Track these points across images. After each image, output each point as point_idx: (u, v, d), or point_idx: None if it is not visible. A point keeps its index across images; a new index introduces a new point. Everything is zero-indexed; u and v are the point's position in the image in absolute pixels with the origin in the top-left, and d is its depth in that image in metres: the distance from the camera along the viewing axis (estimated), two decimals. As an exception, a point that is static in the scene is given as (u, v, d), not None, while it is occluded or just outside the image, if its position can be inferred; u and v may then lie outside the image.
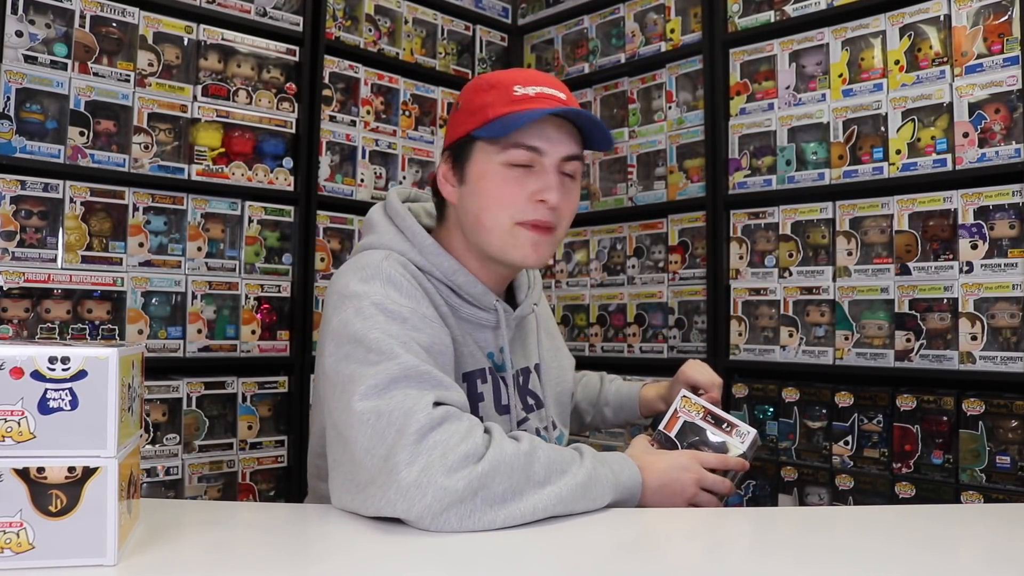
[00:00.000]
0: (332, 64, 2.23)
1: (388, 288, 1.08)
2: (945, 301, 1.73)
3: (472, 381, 1.20)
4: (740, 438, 1.21)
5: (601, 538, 0.93)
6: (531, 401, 1.29)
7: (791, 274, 1.99)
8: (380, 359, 0.99)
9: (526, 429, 1.24)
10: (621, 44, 2.41)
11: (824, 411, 1.89)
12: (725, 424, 1.23)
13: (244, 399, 2.04)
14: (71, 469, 0.70)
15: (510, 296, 1.31)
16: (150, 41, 1.93)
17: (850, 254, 1.88)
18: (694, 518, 1.07)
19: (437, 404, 0.96)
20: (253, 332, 2.06)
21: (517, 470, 0.93)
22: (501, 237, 1.14)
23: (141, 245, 1.90)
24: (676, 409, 1.26)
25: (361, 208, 2.28)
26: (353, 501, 0.95)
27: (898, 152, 1.81)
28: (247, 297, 2.05)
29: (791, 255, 1.99)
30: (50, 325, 1.78)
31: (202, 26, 2.01)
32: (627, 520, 1.00)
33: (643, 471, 1.09)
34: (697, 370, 1.38)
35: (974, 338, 1.68)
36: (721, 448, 1.21)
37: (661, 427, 1.26)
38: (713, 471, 1.15)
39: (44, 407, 0.70)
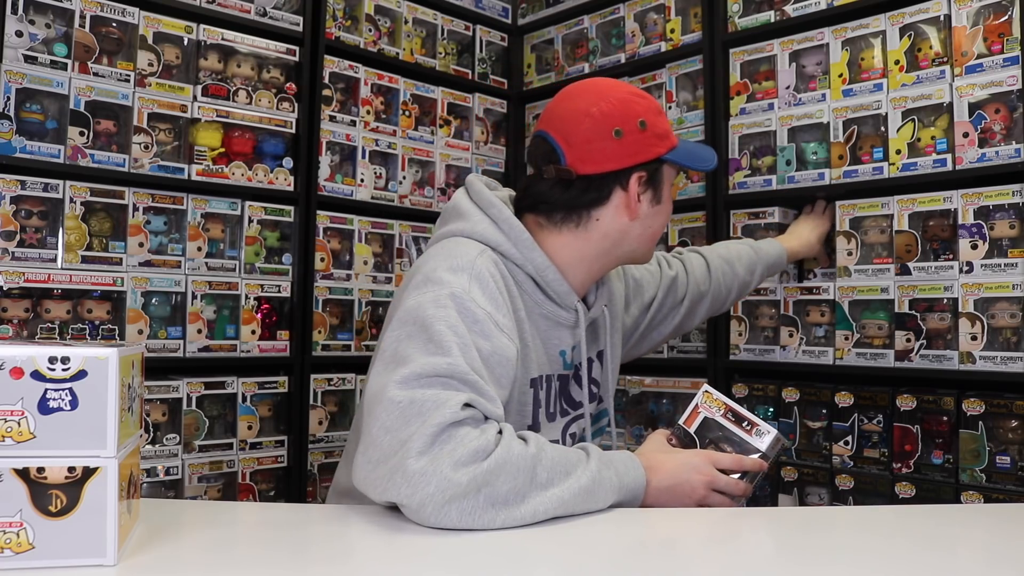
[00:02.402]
0: (332, 64, 2.23)
1: (473, 284, 1.10)
2: (945, 301, 1.73)
3: (537, 386, 1.25)
4: (760, 438, 1.20)
5: (602, 538, 0.93)
6: (594, 389, 1.39)
7: (789, 276, 2.00)
8: (435, 351, 1.01)
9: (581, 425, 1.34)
10: (621, 44, 2.41)
11: (824, 411, 1.89)
12: (746, 423, 1.22)
13: (244, 399, 2.04)
14: (71, 469, 0.70)
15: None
16: (150, 41, 1.93)
17: (850, 254, 1.88)
18: (695, 518, 1.07)
19: (467, 406, 0.97)
20: (253, 332, 2.06)
21: (522, 471, 0.94)
22: (654, 246, 1.35)
23: (141, 245, 1.90)
24: (697, 404, 1.26)
25: (361, 208, 2.28)
26: (366, 480, 0.96)
27: (898, 152, 1.81)
28: (247, 297, 2.05)
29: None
30: (50, 325, 1.78)
31: (202, 26, 2.01)
32: (628, 520, 1.00)
33: (650, 472, 1.10)
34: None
35: (974, 338, 1.68)
36: (741, 447, 1.20)
37: (681, 422, 1.26)
38: (729, 472, 1.15)
39: (44, 407, 0.70)
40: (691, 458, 1.15)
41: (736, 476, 1.15)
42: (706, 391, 1.26)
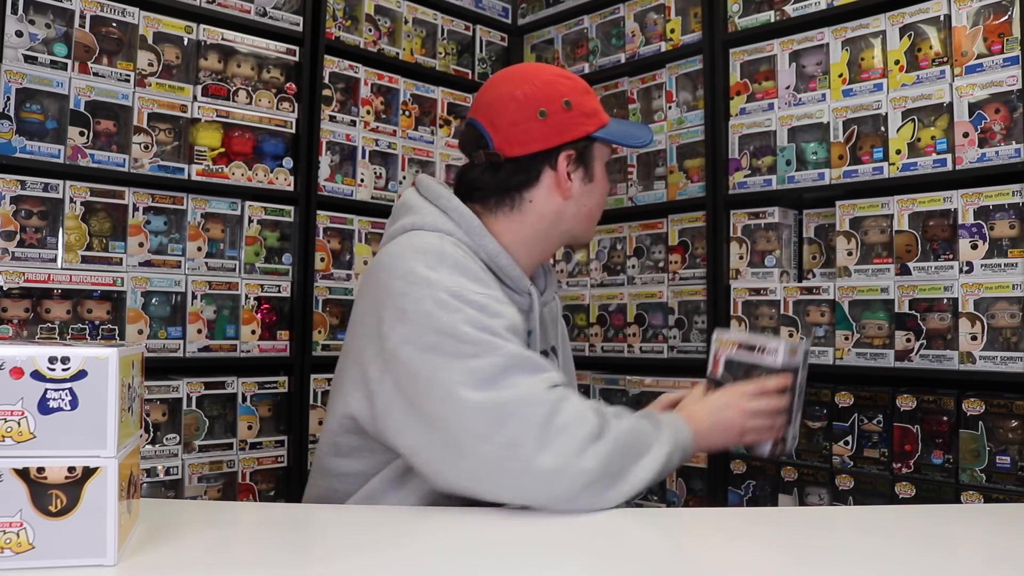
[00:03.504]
0: (332, 64, 2.23)
1: (456, 275, 1.09)
2: (945, 301, 1.73)
3: None
4: (773, 356, 1.22)
5: (602, 538, 0.93)
6: None
7: (789, 276, 2.00)
8: (479, 351, 1.01)
9: None
10: (621, 44, 2.41)
11: (824, 411, 1.89)
12: (758, 347, 1.24)
13: (244, 399, 2.04)
14: (71, 469, 0.70)
15: None
16: (150, 41, 1.93)
17: (850, 254, 1.88)
18: (695, 518, 1.07)
19: (552, 387, 1.00)
20: (253, 332, 2.06)
21: (628, 448, 1.01)
22: (590, 221, 1.30)
23: (141, 245, 1.90)
24: (715, 351, 1.29)
25: (361, 208, 2.28)
26: (476, 489, 0.98)
27: (898, 152, 1.81)
28: (247, 297, 2.05)
29: (813, 257, 1.99)
30: (50, 325, 1.78)
31: (202, 26, 2.01)
32: (628, 520, 1.00)
33: (690, 422, 1.15)
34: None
35: (974, 338, 1.68)
36: (764, 371, 1.22)
37: (708, 374, 1.29)
38: (758, 397, 1.21)
39: (44, 407, 0.70)
40: (719, 398, 1.22)
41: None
42: (718, 338, 1.29)
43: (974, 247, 1.70)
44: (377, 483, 1.11)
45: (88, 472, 0.70)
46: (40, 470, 0.69)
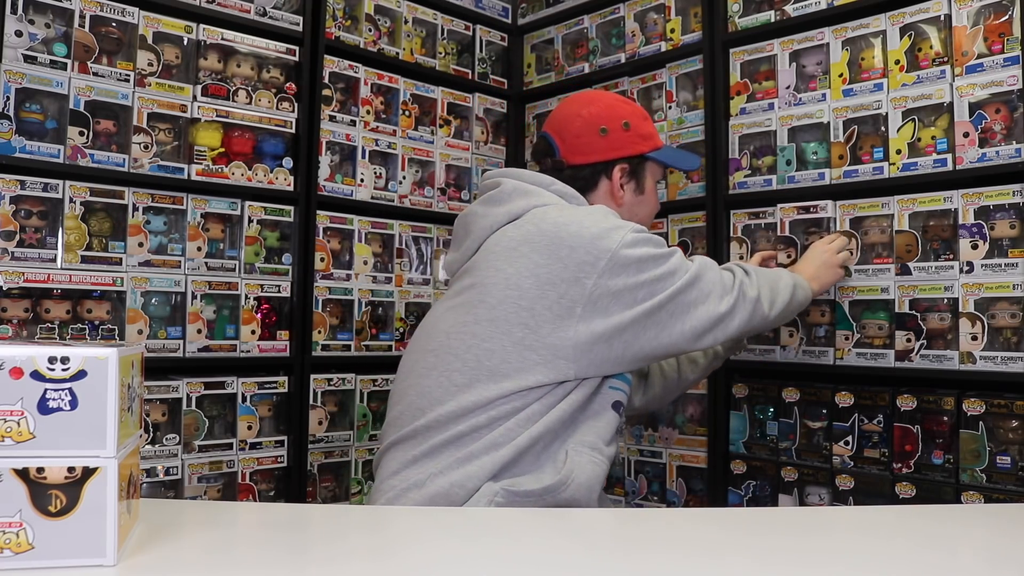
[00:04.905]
0: (332, 64, 2.23)
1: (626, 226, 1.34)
2: (945, 301, 1.73)
3: None
4: None
5: (601, 538, 0.93)
6: None
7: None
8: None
9: None
10: (621, 44, 2.40)
11: (824, 411, 1.89)
12: None
13: (244, 399, 2.04)
14: (71, 469, 0.70)
15: None
16: (150, 41, 1.93)
17: (851, 254, 1.88)
18: (695, 519, 1.07)
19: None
20: (253, 332, 2.06)
21: (766, 276, 1.51)
22: None
23: (141, 245, 1.90)
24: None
25: (361, 208, 2.28)
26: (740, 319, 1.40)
27: (898, 152, 1.81)
28: (247, 297, 2.05)
29: (789, 256, 1.98)
30: (50, 325, 1.78)
31: (202, 26, 2.01)
32: (628, 520, 1.00)
33: (802, 274, 1.66)
34: None
35: (974, 338, 1.68)
36: None
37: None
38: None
39: (44, 407, 0.69)
40: (813, 252, 1.76)
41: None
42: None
43: (974, 247, 1.69)
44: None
45: (88, 472, 0.70)
46: (40, 470, 0.69)
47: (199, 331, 1.97)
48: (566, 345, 1.24)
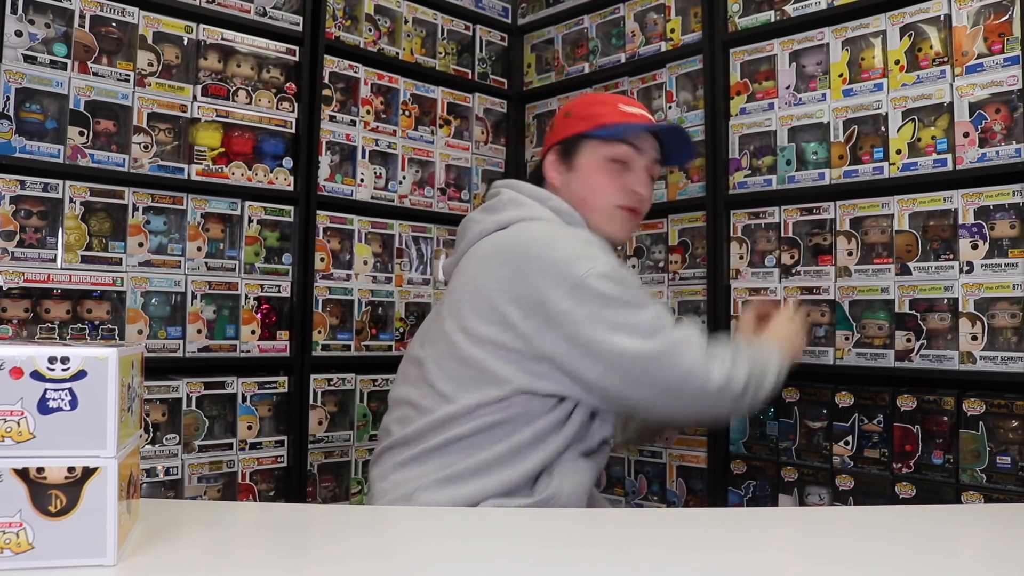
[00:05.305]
0: (332, 64, 2.23)
1: (604, 254, 1.30)
2: (945, 301, 1.73)
3: None
4: None
5: (601, 537, 0.93)
6: None
7: (790, 274, 2.00)
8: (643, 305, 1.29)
9: None
10: (621, 44, 2.40)
11: (824, 411, 1.89)
12: None
13: (244, 399, 2.04)
14: (71, 469, 0.70)
15: None
16: (150, 41, 1.93)
17: (850, 254, 1.88)
18: (695, 519, 1.07)
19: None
20: (253, 332, 2.06)
21: (757, 356, 1.34)
22: (602, 214, 1.41)
23: (141, 245, 1.90)
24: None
25: (361, 208, 2.28)
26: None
27: (898, 152, 1.81)
28: (247, 297, 2.05)
29: (793, 256, 1.99)
30: (50, 325, 1.78)
31: (202, 26, 2.01)
32: (627, 520, 1.00)
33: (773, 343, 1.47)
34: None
35: (974, 338, 1.68)
36: None
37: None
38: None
39: (44, 407, 0.69)
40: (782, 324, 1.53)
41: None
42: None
43: (974, 247, 1.69)
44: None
45: (88, 472, 0.70)
46: (40, 470, 0.69)
47: (199, 331, 1.97)
48: (539, 356, 1.24)
